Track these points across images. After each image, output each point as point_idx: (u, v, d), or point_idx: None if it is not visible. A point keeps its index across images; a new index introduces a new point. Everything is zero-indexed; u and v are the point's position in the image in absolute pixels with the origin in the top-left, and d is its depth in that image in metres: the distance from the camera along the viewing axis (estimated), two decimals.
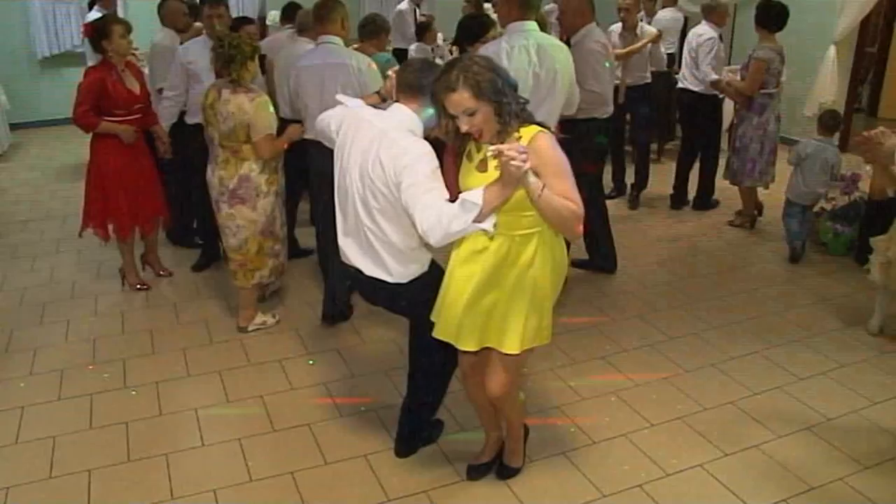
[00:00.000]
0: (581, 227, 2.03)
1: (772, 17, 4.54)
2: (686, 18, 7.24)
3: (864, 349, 3.41)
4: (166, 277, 4.18)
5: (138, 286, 4.01)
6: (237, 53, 3.14)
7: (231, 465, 2.61)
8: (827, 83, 6.44)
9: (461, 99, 1.97)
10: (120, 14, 7.75)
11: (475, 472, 2.54)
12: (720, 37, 5.03)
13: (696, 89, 5.07)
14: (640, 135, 5.35)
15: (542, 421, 2.85)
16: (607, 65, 3.85)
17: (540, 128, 2.05)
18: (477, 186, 1.98)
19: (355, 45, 4.07)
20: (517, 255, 2.11)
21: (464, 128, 2.01)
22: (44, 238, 4.85)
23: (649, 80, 5.38)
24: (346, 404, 2.98)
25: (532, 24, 3.23)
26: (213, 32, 3.92)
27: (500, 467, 2.54)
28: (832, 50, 6.41)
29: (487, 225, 1.98)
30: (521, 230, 2.09)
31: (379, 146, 2.16)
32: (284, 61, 3.99)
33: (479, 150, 2.12)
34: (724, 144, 5.52)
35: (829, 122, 4.38)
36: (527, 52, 3.18)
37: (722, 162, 5.12)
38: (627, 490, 2.48)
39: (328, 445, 2.72)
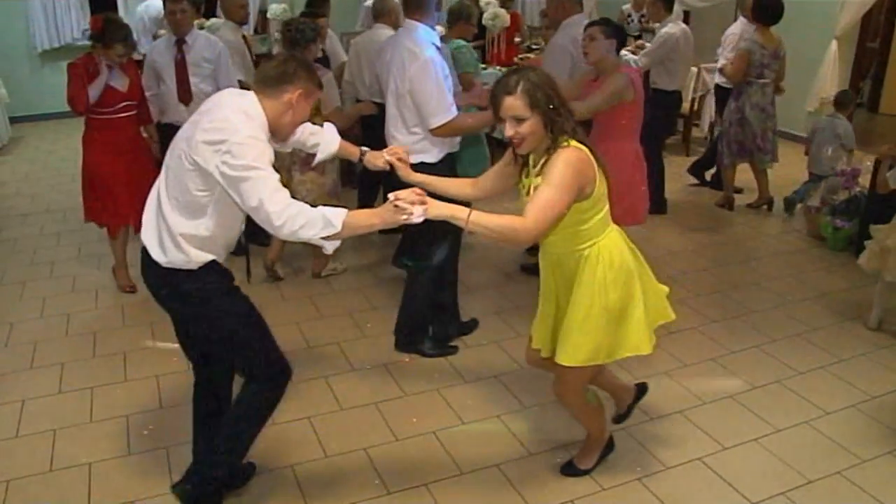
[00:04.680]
0: (525, 237, 1.97)
1: (762, 12, 4.72)
2: (687, 13, 7.23)
3: (862, 343, 3.42)
4: None
5: (126, 288, 3.93)
6: (301, 38, 3.54)
7: None
8: (828, 78, 6.43)
9: (516, 103, 1.98)
10: (121, 13, 7.76)
11: (619, 419, 2.70)
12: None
13: (719, 81, 5.34)
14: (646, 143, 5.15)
15: (542, 415, 2.86)
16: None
17: (581, 146, 2.04)
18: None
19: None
20: (572, 271, 2.18)
21: (508, 132, 2.01)
22: (44, 232, 4.85)
23: (673, 90, 5.04)
24: (346, 398, 2.98)
25: (411, 25, 3.03)
26: (177, 29, 3.89)
27: (567, 464, 2.56)
28: (833, 45, 6.39)
29: (329, 246, 1.98)
30: (577, 246, 2.14)
31: (205, 115, 2.01)
32: (364, 46, 4.48)
33: (527, 177, 2.14)
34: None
35: (840, 98, 4.95)
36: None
37: None
38: (626, 484, 2.49)
39: (328, 438, 2.72)
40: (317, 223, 1.90)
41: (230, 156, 1.90)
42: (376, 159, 2.40)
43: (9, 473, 2.53)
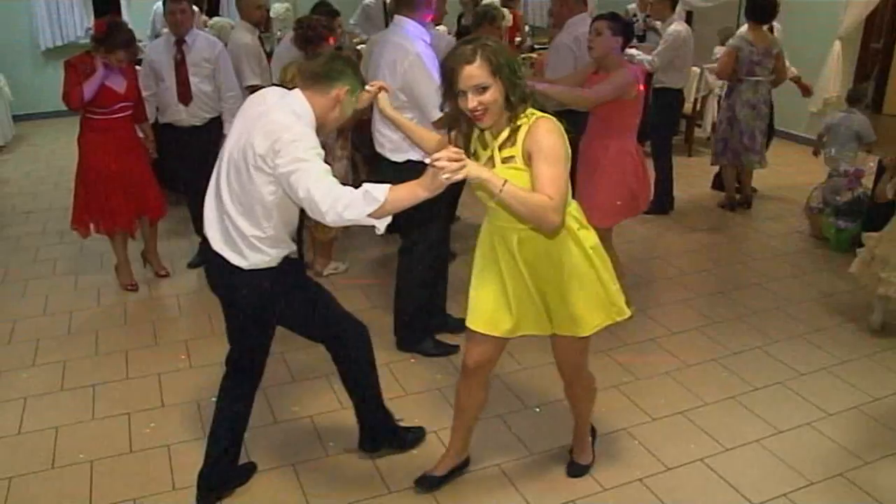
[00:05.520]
0: (556, 218, 1.88)
1: (755, 9, 4.76)
2: (690, 13, 7.22)
3: (865, 345, 3.41)
4: (165, 277, 4.10)
5: (128, 286, 3.95)
6: (313, 35, 3.66)
7: None
8: (831, 79, 6.42)
9: (477, 71, 1.89)
10: (124, 14, 7.77)
11: (426, 484, 2.43)
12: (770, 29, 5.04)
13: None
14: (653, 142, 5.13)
15: (543, 414, 2.86)
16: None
17: (545, 114, 2.00)
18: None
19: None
20: (546, 244, 2.07)
21: (471, 104, 1.91)
22: (46, 229, 4.86)
23: (679, 88, 5.07)
24: (347, 397, 2.96)
25: (401, 21, 3.05)
26: (176, 29, 3.88)
27: (570, 465, 2.53)
28: (837, 45, 6.38)
29: (380, 224, 1.93)
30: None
31: (257, 122, 2.06)
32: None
33: (485, 149, 2.07)
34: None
35: (853, 94, 4.86)
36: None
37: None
38: (628, 484, 2.49)
39: (330, 437, 2.73)
40: (359, 201, 1.89)
41: (280, 155, 1.97)
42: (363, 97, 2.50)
43: (11, 470, 2.54)
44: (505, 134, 2.00)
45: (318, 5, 4.71)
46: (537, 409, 2.90)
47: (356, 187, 1.94)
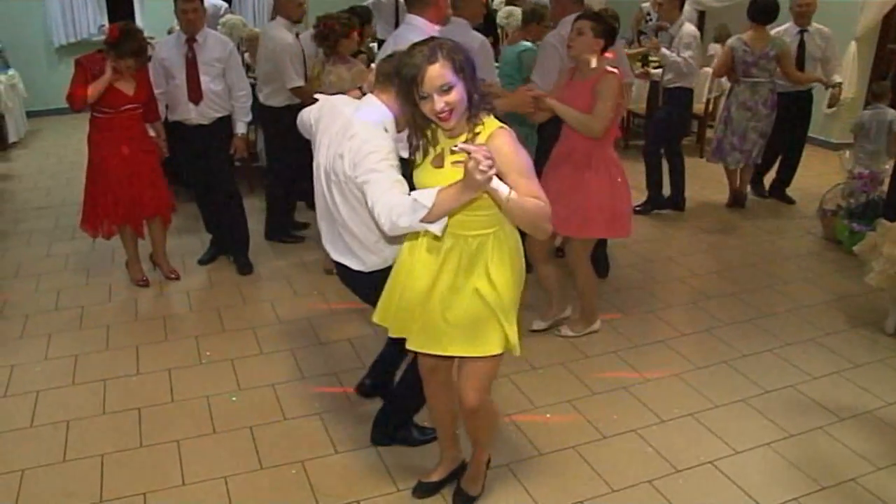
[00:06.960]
0: (550, 225, 1.89)
1: (755, 10, 4.78)
2: (702, 13, 7.18)
3: (878, 349, 3.38)
4: (175, 280, 4.06)
5: (139, 282, 3.97)
6: (329, 33, 3.84)
7: (242, 453, 2.63)
8: (847, 80, 6.36)
9: (441, 71, 1.81)
10: (136, 12, 7.80)
11: (422, 490, 2.42)
12: (801, 33, 5.00)
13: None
14: (649, 141, 5.16)
15: (553, 416, 2.85)
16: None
17: (500, 123, 1.95)
18: (431, 184, 1.91)
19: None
20: (472, 259, 2.01)
21: (438, 106, 1.84)
22: (59, 225, 4.89)
23: (690, 86, 5.00)
24: (357, 396, 2.98)
25: (412, 19, 3.06)
26: (189, 28, 3.88)
27: (457, 492, 2.39)
28: (853, 46, 6.34)
29: (436, 227, 1.89)
30: (475, 230, 1.98)
31: (343, 136, 2.18)
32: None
33: (434, 146, 2.01)
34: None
35: (876, 90, 5.05)
36: None
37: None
38: (637, 486, 2.48)
39: (339, 435, 2.73)
40: (408, 209, 1.86)
41: (358, 166, 2.10)
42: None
43: (23, 463, 2.56)
44: (463, 138, 1.93)
45: (353, 8, 4.70)
46: (547, 410, 2.89)
47: None
